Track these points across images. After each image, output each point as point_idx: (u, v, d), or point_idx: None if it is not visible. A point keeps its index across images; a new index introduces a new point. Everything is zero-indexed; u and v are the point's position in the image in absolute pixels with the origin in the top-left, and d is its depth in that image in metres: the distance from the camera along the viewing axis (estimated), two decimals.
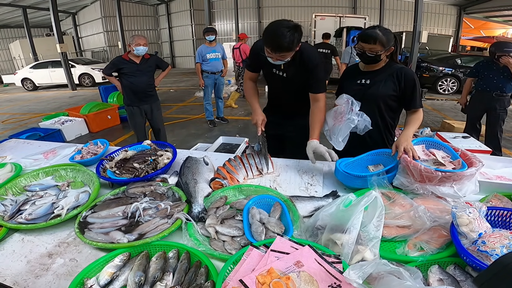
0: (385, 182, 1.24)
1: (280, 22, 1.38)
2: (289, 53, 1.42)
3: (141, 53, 3.17)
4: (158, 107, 3.62)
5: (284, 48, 1.37)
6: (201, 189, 1.31)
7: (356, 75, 1.67)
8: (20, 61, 15.95)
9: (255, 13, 16.54)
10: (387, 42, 1.46)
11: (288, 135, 1.91)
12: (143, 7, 17.82)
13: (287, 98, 1.80)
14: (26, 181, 1.48)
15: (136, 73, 3.25)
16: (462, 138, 3.43)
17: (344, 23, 10.48)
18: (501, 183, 1.30)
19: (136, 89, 3.31)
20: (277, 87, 1.79)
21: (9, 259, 1.02)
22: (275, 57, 1.44)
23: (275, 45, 1.37)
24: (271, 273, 0.79)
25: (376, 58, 1.51)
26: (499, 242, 0.83)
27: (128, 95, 3.36)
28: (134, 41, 3.11)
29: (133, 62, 3.22)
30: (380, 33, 1.45)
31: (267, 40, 1.41)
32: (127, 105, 3.44)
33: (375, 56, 1.49)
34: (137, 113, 3.45)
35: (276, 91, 1.85)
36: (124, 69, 3.22)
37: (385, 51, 1.49)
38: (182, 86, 11.07)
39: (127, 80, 3.26)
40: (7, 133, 5.36)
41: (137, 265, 0.90)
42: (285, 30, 1.33)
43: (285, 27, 1.34)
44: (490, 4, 13.68)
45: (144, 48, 3.15)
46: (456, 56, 9.27)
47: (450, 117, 5.99)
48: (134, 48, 3.11)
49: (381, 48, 1.46)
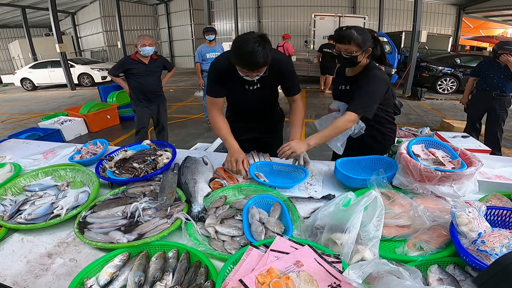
0: (385, 182, 1.25)
1: (245, 38, 1.27)
2: (266, 66, 1.36)
3: (147, 53, 3.15)
4: (165, 108, 3.65)
5: (261, 65, 1.29)
6: (201, 188, 1.31)
7: (340, 79, 1.67)
8: (19, 61, 15.92)
9: (254, 13, 16.52)
10: (363, 43, 1.41)
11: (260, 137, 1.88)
12: (142, 6, 17.79)
13: (260, 107, 1.74)
14: (26, 181, 1.48)
15: (145, 73, 3.24)
16: (462, 138, 3.43)
17: (343, 23, 10.48)
18: (501, 183, 1.30)
19: (145, 89, 3.30)
20: (249, 100, 1.66)
21: (8, 259, 1.01)
22: (253, 75, 1.36)
23: (252, 64, 1.28)
24: (270, 273, 0.79)
25: (353, 59, 1.46)
26: (498, 241, 0.83)
27: (137, 95, 3.35)
28: (140, 41, 3.10)
29: (142, 63, 3.21)
30: (355, 33, 1.40)
31: (240, 61, 1.30)
32: (135, 105, 3.43)
33: (351, 57, 1.44)
34: (145, 113, 3.45)
35: (248, 105, 1.72)
36: (133, 69, 3.20)
37: (362, 52, 1.44)
38: (182, 85, 11.06)
39: (136, 81, 3.25)
40: (6, 133, 5.36)
41: (137, 265, 0.90)
42: (255, 45, 1.23)
43: (253, 42, 1.24)
44: (489, 4, 13.68)
45: (151, 48, 3.13)
46: (456, 55, 9.28)
47: (450, 116, 6.01)
48: (140, 49, 3.10)
49: (357, 48, 1.41)
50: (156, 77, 3.37)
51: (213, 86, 1.58)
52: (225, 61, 1.46)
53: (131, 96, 3.44)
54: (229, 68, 1.44)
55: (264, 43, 1.26)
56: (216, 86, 1.57)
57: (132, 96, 3.42)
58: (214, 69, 1.54)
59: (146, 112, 3.46)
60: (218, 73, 1.52)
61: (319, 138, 1.45)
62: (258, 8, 16.41)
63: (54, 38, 10.23)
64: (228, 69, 1.45)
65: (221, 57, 1.55)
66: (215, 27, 6.90)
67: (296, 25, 15.94)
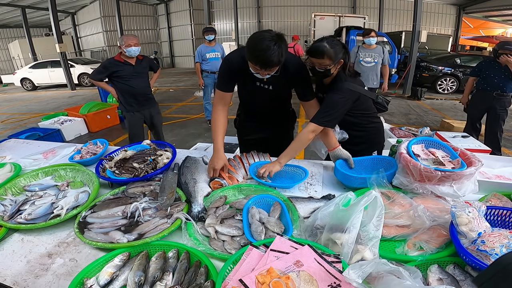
0: (385, 182, 1.25)
1: (262, 35, 1.27)
2: (278, 66, 1.35)
3: (134, 54, 2.88)
4: (158, 111, 3.41)
5: (274, 63, 1.28)
6: (201, 188, 1.31)
7: (318, 88, 1.70)
8: (19, 61, 15.91)
9: (254, 13, 16.53)
10: (335, 56, 1.42)
11: (270, 137, 1.88)
12: (142, 6, 17.80)
13: (271, 107, 1.75)
14: (26, 181, 1.48)
15: (133, 75, 2.97)
16: (462, 138, 3.43)
17: (343, 23, 10.49)
18: (501, 183, 1.31)
19: (136, 92, 3.04)
20: (262, 100, 1.68)
21: (8, 259, 1.01)
22: (265, 73, 1.36)
23: (265, 62, 1.27)
24: (270, 273, 0.79)
25: (326, 73, 1.47)
26: (498, 241, 0.83)
27: (127, 99, 3.05)
28: (124, 42, 2.80)
29: (129, 64, 2.94)
30: (327, 45, 1.41)
31: (254, 58, 1.29)
32: (126, 111, 3.11)
33: (325, 71, 1.46)
34: (138, 119, 3.17)
35: (259, 104, 1.74)
36: (120, 72, 2.91)
37: (334, 65, 1.45)
38: (182, 85, 11.06)
39: (124, 84, 2.96)
40: (6, 133, 5.36)
41: (137, 265, 0.90)
42: (271, 44, 1.23)
43: (269, 40, 1.23)
44: (489, 3, 13.69)
45: (137, 48, 2.86)
46: (456, 55, 9.28)
47: (450, 116, 6.00)
48: (126, 50, 2.81)
49: (330, 62, 1.42)
50: (144, 79, 3.10)
51: (223, 80, 1.58)
52: (239, 57, 1.48)
53: (120, 101, 3.12)
54: (241, 64, 1.45)
55: (280, 43, 1.26)
56: (226, 80, 1.57)
57: (121, 101, 3.10)
58: (226, 64, 1.53)
59: (138, 117, 3.17)
60: (230, 68, 1.52)
61: (288, 155, 1.49)
62: (258, 8, 16.41)
63: (54, 38, 10.22)
64: (241, 65, 1.46)
65: (235, 53, 1.55)
66: (215, 27, 6.91)
67: (296, 25, 15.95)
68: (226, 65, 1.53)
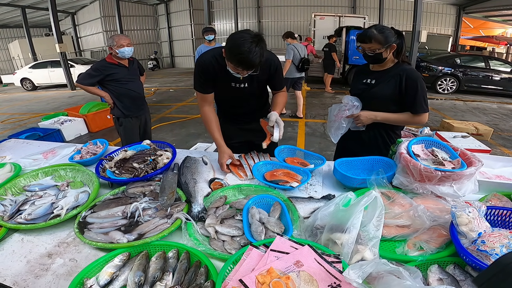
0: (385, 182, 1.25)
1: (242, 36, 1.27)
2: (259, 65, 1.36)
3: (127, 55, 2.67)
4: (150, 117, 3.23)
5: (256, 65, 1.31)
6: (201, 188, 1.31)
7: (364, 75, 1.69)
8: (19, 61, 15.90)
9: (254, 13, 16.52)
10: (385, 40, 1.46)
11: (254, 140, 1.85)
12: (142, 6, 17.78)
13: (248, 106, 1.75)
14: (26, 181, 1.48)
15: (128, 78, 2.78)
16: (462, 138, 3.44)
17: (343, 23, 10.48)
18: (501, 183, 1.30)
19: (135, 96, 2.84)
20: (237, 99, 1.70)
21: (8, 259, 1.01)
22: (244, 73, 1.37)
23: (247, 64, 1.29)
24: (271, 273, 0.79)
25: (377, 57, 1.51)
26: (498, 241, 0.83)
27: (125, 104, 2.82)
28: (115, 42, 2.59)
29: (124, 66, 2.73)
30: (375, 31, 1.46)
31: (236, 60, 1.30)
32: (124, 117, 2.86)
33: (375, 54, 1.49)
34: (135, 125, 2.95)
35: (236, 103, 1.74)
36: (115, 74, 2.70)
37: (386, 49, 1.48)
38: (182, 85, 11.05)
39: (122, 88, 2.75)
40: (6, 133, 5.36)
41: (137, 265, 0.90)
42: (252, 45, 1.24)
43: (251, 41, 1.25)
44: (489, 3, 13.68)
45: (130, 48, 2.65)
46: (456, 55, 9.29)
47: (450, 116, 6.00)
48: (118, 51, 2.60)
49: (379, 46, 1.47)
50: (139, 81, 2.93)
51: (200, 83, 1.59)
52: (212, 58, 1.50)
53: (116, 107, 2.83)
54: (214, 66, 1.48)
55: (261, 43, 1.29)
56: (203, 82, 1.59)
57: (117, 106, 2.82)
58: (198, 67, 1.54)
59: (136, 123, 2.94)
60: (203, 71, 1.53)
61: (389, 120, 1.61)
62: (258, 8, 16.41)
63: (54, 38, 10.22)
64: (214, 67, 1.48)
65: (206, 54, 1.54)
66: (215, 27, 6.93)
67: (296, 25, 15.92)
68: (198, 68, 1.54)
